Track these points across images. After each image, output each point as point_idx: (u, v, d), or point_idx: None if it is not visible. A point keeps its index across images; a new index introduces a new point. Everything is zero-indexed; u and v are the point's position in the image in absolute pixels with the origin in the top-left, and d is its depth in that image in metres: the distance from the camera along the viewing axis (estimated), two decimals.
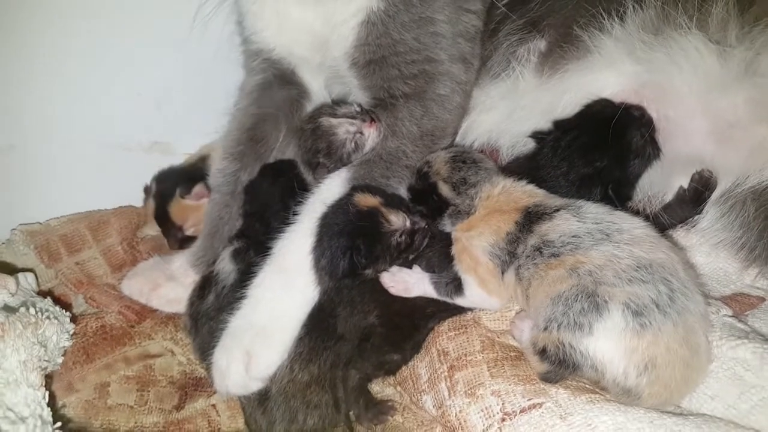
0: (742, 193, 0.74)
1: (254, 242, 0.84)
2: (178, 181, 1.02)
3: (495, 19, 0.86)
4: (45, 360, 0.62)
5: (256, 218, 0.88)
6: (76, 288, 0.92)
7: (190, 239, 0.97)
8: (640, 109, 0.75)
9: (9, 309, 0.66)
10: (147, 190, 1.05)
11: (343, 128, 0.87)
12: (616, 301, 0.57)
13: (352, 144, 0.87)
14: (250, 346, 0.74)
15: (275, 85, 0.97)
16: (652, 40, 0.75)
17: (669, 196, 0.80)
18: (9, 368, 0.57)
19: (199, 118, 1.09)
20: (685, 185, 0.78)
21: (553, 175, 0.76)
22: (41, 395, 0.57)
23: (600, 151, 0.75)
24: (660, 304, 0.57)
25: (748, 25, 0.71)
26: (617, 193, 0.74)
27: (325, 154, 0.88)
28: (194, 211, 0.99)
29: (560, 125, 0.78)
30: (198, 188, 0.99)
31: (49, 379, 0.64)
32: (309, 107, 0.99)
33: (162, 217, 1.00)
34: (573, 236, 0.62)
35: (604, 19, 0.77)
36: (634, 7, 0.76)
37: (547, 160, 0.78)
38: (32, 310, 0.66)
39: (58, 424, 0.56)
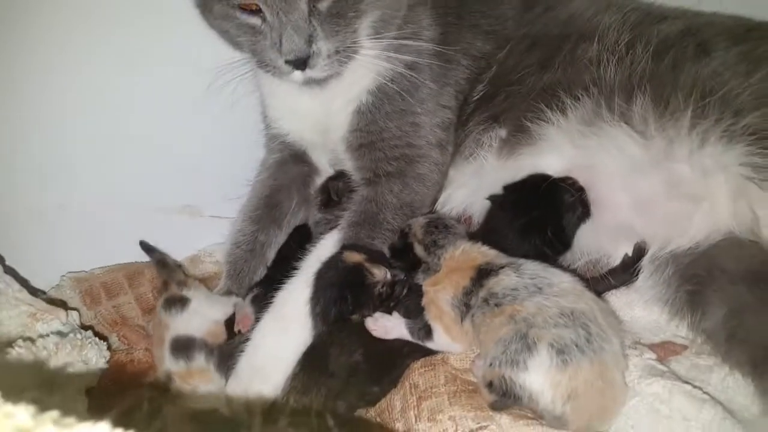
0: (663, 257, 0.87)
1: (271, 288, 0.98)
2: None
3: (466, 112, 1.05)
4: None
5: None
6: (111, 327, 1.07)
7: None
8: (571, 179, 0.92)
9: (61, 334, 0.82)
10: None
11: None
12: (544, 341, 0.70)
13: None
14: (249, 385, 0.87)
15: (290, 162, 1.16)
16: (587, 130, 0.92)
17: (611, 260, 0.94)
18: None
19: (224, 187, 1.25)
20: (624, 251, 0.92)
21: (501, 225, 0.93)
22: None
23: (535, 204, 0.91)
24: (579, 344, 0.69)
25: (664, 119, 0.87)
26: (557, 237, 0.89)
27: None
28: None
29: (507, 188, 0.96)
30: None
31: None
32: (318, 181, 1.17)
33: None
34: (512, 289, 0.76)
35: (549, 113, 0.94)
36: (572, 103, 0.93)
37: (497, 213, 0.95)
38: (79, 336, 0.83)
39: None
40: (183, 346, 0.91)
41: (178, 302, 0.96)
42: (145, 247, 1.13)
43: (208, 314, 0.96)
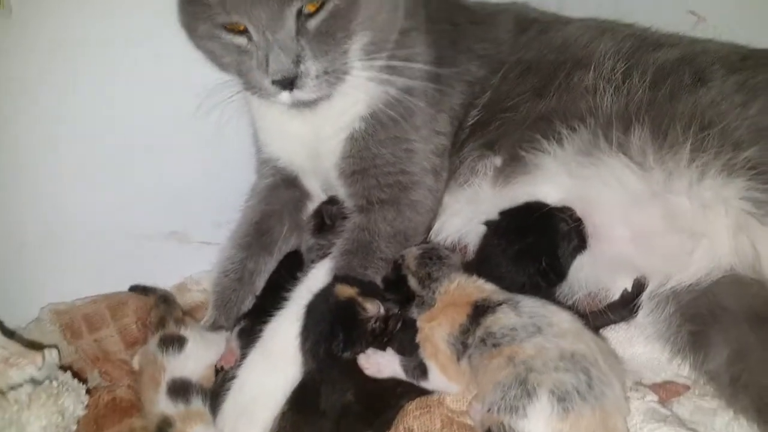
0: (664, 293, 0.85)
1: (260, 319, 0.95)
2: None
3: (461, 138, 1.03)
4: (62, 427, 0.73)
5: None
6: (92, 363, 1.03)
7: None
8: (569, 209, 0.90)
9: (35, 382, 0.78)
10: None
11: None
12: (544, 387, 0.67)
13: None
14: (235, 425, 0.84)
15: (282, 187, 1.13)
16: (584, 160, 0.90)
17: (610, 294, 0.91)
18: None
19: (213, 212, 1.24)
20: (623, 285, 0.90)
21: (495, 252, 0.91)
22: None
23: (530, 230, 0.89)
24: (580, 390, 0.66)
25: (663, 150, 0.86)
26: (552, 268, 0.87)
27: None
28: None
29: (503, 213, 0.94)
30: None
31: None
32: (310, 207, 1.15)
33: None
34: (511, 329, 0.73)
35: (546, 143, 0.92)
36: (568, 133, 0.91)
37: (491, 240, 0.92)
38: (54, 383, 0.79)
39: None
40: (180, 389, 0.87)
41: (176, 342, 0.93)
42: (140, 289, 1.11)
43: (204, 356, 0.93)
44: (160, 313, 1.01)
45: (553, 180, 0.93)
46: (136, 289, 1.14)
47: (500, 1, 1.18)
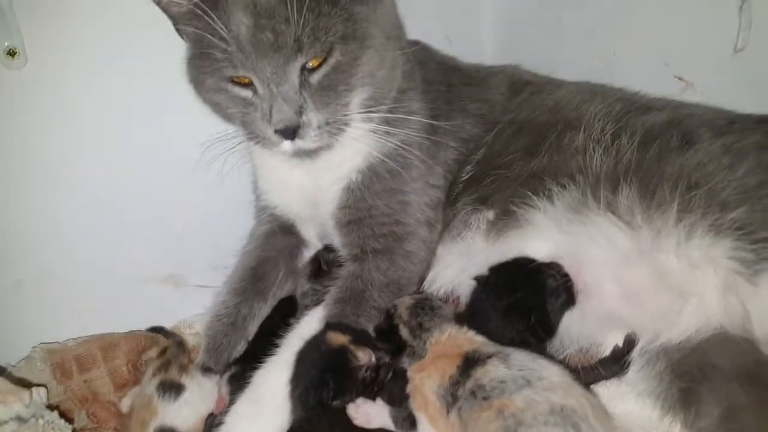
0: (654, 350, 0.85)
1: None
2: None
3: (455, 192, 1.06)
4: None
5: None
6: (81, 404, 1.02)
7: None
8: (557, 264, 0.91)
9: (21, 420, 0.78)
10: None
11: None
12: None
13: None
14: None
15: (278, 234, 1.16)
16: (573, 217, 0.92)
17: (601, 349, 0.91)
18: None
19: (210, 256, 1.26)
20: (614, 341, 0.89)
21: (484, 307, 0.91)
22: None
23: (518, 286, 0.89)
24: None
25: (651, 210, 0.88)
26: (540, 324, 0.87)
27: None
28: None
29: (492, 268, 0.94)
30: None
31: None
32: (306, 254, 1.17)
33: None
34: (501, 381, 0.73)
35: (536, 199, 0.95)
36: (558, 191, 0.94)
37: (480, 295, 0.93)
38: (41, 422, 0.78)
39: None
40: None
41: (174, 389, 0.93)
42: (157, 330, 1.12)
43: (198, 407, 0.92)
44: (168, 357, 1.00)
45: (543, 235, 0.94)
46: (156, 330, 1.15)
47: (494, 63, 1.25)
